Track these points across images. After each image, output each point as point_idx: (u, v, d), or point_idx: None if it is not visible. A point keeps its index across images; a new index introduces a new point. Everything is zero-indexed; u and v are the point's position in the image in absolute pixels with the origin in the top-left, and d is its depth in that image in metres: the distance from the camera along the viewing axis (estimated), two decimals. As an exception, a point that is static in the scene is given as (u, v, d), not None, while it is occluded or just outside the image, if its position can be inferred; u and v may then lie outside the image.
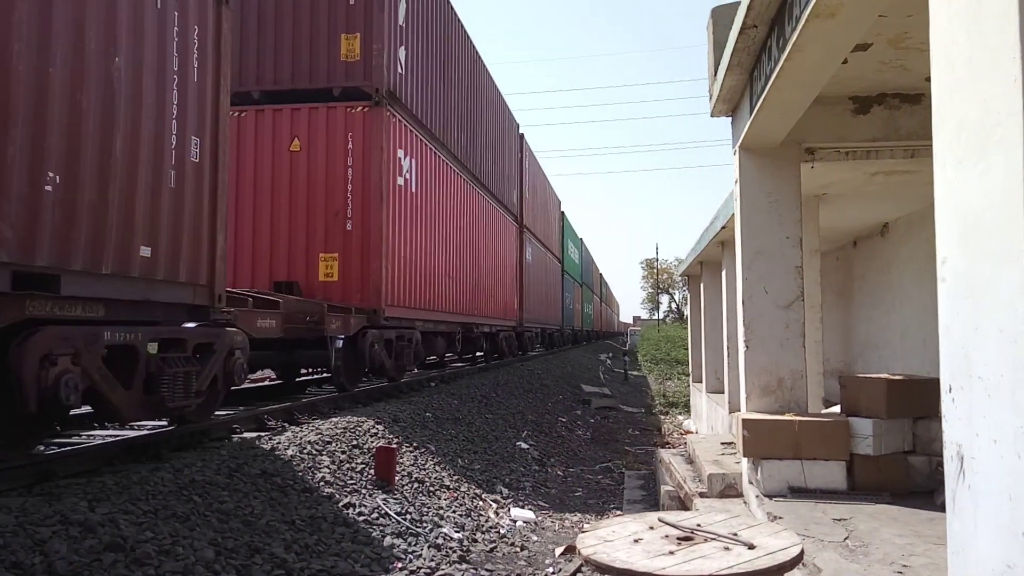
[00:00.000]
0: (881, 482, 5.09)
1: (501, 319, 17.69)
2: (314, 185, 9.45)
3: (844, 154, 6.07)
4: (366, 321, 9.16)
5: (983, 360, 1.84)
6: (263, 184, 9.53)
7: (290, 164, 9.47)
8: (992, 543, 1.79)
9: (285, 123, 9.52)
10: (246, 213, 9.55)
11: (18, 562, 3.24)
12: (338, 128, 9.40)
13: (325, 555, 4.50)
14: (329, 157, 9.41)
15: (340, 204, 9.39)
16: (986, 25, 1.79)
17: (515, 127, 20.42)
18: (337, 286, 9.31)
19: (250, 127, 9.58)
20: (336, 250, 9.35)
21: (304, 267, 9.38)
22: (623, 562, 2.96)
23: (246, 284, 9.16)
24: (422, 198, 11.21)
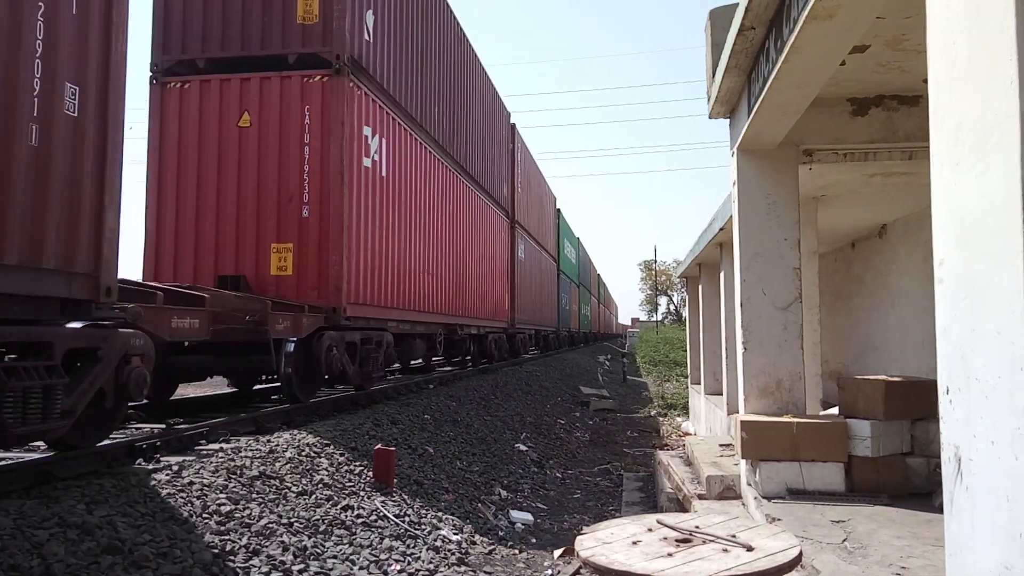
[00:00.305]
0: (879, 484, 5.09)
1: (490, 320, 16.53)
2: (266, 166, 8.29)
3: (842, 156, 6.08)
4: (323, 321, 8.03)
5: (981, 362, 1.84)
6: (208, 165, 8.36)
7: (239, 142, 8.31)
8: (990, 544, 1.79)
9: (233, 95, 8.35)
10: (188, 198, 8.38)
11: (16, 565, 3.24)
12: (293, 100, 8.27)
13: (323, 557, 4.49)
14: (283, 134, 8.27)
15: (295, 188, 8.25)
16: (984, 27, 1.80)
17: (505, 116, 19.12)
18: (291, 281, 8.21)
19: (194, 100, 8.41)
20: (290, 240, 8.22)
21: (254, 260, 8.25)
22: (622, 564, 2.96)
23: (188, 279, 8.11)
24: (395, 184, 9.97)
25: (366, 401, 9.53)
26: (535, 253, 23.33)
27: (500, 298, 17.75)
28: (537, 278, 23.71)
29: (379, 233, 9.40)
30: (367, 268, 8.96)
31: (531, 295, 22.19)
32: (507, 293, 18.71)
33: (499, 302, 17.61)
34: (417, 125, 11.09)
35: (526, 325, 21.24)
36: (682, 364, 29.04)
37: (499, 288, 17.63)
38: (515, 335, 20.18)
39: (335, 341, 8.19)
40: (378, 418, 8.24)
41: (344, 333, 8.50)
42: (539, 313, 23.91)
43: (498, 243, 17.68)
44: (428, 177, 11.69)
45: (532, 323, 22.32)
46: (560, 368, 22.86)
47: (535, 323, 22.90)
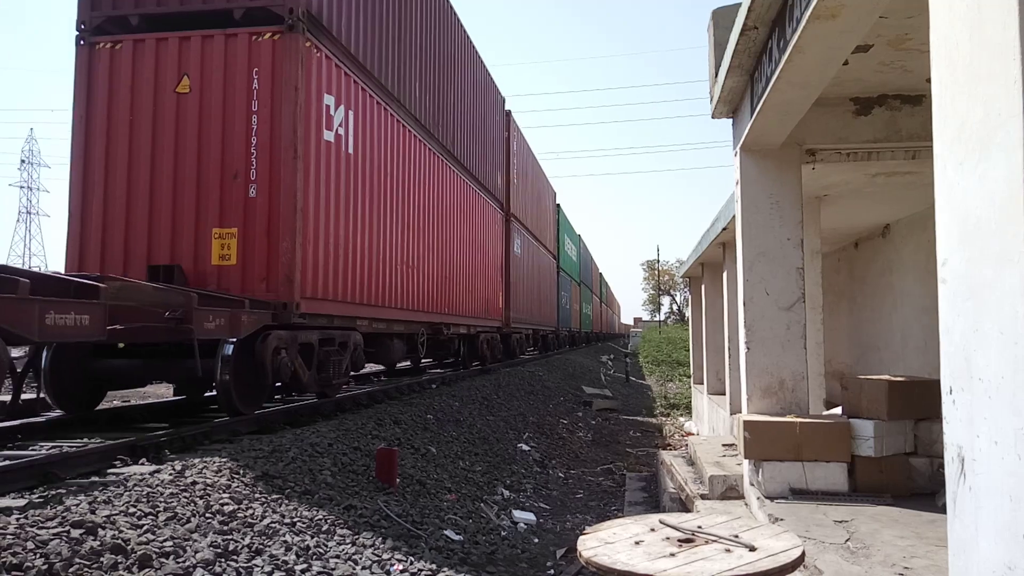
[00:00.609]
0: (882, 484, 5.08)
1: (482, 319, 15.44)
2: (207, 138, 7.19)
3: (845, 155, 6.07)
4: (270, 319, 6.86)
5: (984, 362, 1.83)
6: (141, 136, 7.25)
7: (176, 110, 7.23)
8: (993, 544, 1.78)
9: (171, 56, 7.25)
10: (118, 176, 7.26)
11: (19, 564, 3.25)
12: (240, 62, 7.16)
13: (326, 557, 4.49)
14: (228, 101, 7.17)
15: (241, 163, 7.11)
16: (987, 26, 1.79)
17: (500, 101, 17.84)
18: (235, 272, 7.07)
19: (126, 62, 7.30)
20: (235, 224, 7.09)
21: (192, 247, 7.14)
22: (624, 564, 2.96)
23: (117, 269, 7.14)
24: (365, 163, 8.80)
25: (368, 401, 9.54)
26: (532, 249, 22.11)
27: (493, 296, 16.62)
28: (535, 275, 22.47)
29: (345, 219, 8.25)
30: (329, 258, 7.86)
31: (528, 293, 21.06)
32: (501, 291, 17.54)
33: (492, 300, 16.52)
34: (394, 100, 9.86)
35: (523, 324, 20.11)
36: (685, 364, 29.06)
37: (492, 285, 16.52)
38: (510, 335, 19.11)
39: (284, 342, 7.09)
40: (381, 418, 8.25)
41: (298, 333, 7.40)
42: (537, 312, 22.72)
43: (491, 236, 16.45)
44: (408, 159, 10.44)
45: (530, 322, 21.21)
46: (562, 368, 22.85)
47: (533, 322, 21.79)
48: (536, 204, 23.20)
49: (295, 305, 7.07)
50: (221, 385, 6.61)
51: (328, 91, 7.80)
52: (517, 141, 19.88)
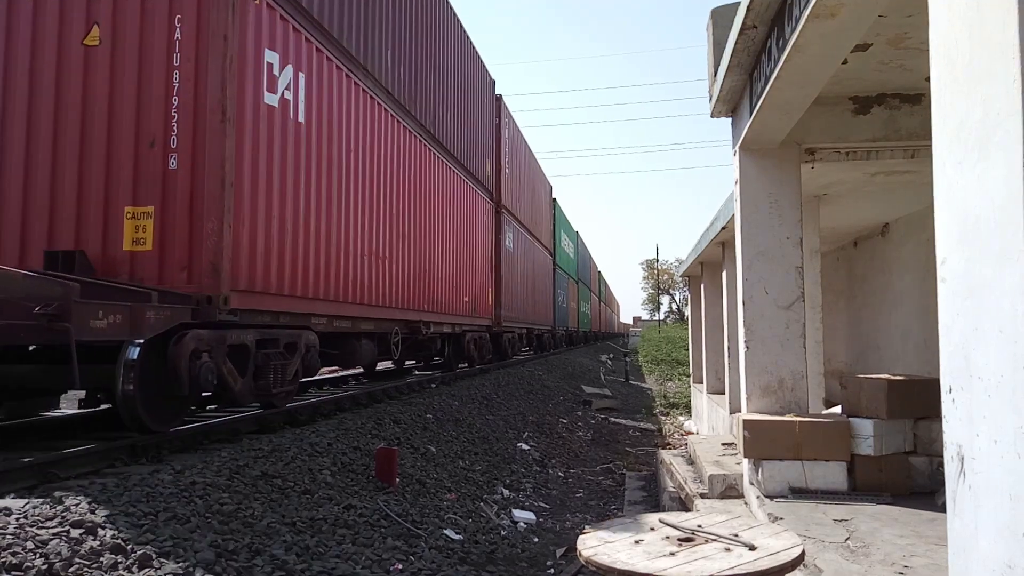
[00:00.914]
0: (882, 483, 5.09)
1: (468, 317, 14.02)
2: (120, 99, 6.03)
3: (844, 154, 6.08)
4: (190, 315, 5.67)
5: (983, 360, 1.84)
6: (43, 98, 6.11)
7: (84, 66, 6.07)
8: (993, 543, 1.79)
9: (78, 2, 6.12)
10: (15, 143, 6.12)
11: (19, 564, 3.25)
12: (159, 8, 6.03)
13: (326, 557, 4.50)
14: (144, 55, 6.01)
15: (159, 128, 5.97)
16: (987, 25, 1.79)
17: (489, 83, 16.59)
18: (151, 259, 5.89)
19: (25, 10, 6.17)
20: (151, 202, 5.92)
21: (100, 229, 5.97)
22: (624, 563, 2.96)
23: (12, 257, 6.02)
24: (321, 135, 7.49)
25: (368, 400, 9.54)
26: (526, 244, 20.68)
27: (482, 292, 15.26)
28: (529, 272, 20.99)
29: (295, 198, 6.96)
30: (273, 245, 6.60)
31: (521, 290, 19.62)
32: (491, 287, 16.17)
33: (481, 297, 15.12)
34: (360, 67, 8.55)
35: (516, 323, 18.66)
36: (684, 363, 29.07)
37: (480, 280, 15.10)
38: (501, 335, 17.59)
39: (207, 344, 5.88)
40: (380, 417, 8.25)
41: (227, 333, 6.20)
42: (531, 310, 21.25)
43: (479, 228, 15.03)
44: (377, 136, 9.09)
45: (523, 321, 19.85)
46: (562, 368, 22.86)
47: (527, 321, 20.42)
48: (530, 197, 21.67)
49: (222, 299, 5.85)
50: (123, 397, 5.44)
51: (271, 47, 6.59)
52: (509, 129, 18.29)
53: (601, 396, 19.18)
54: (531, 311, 21.26)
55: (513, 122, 19.26)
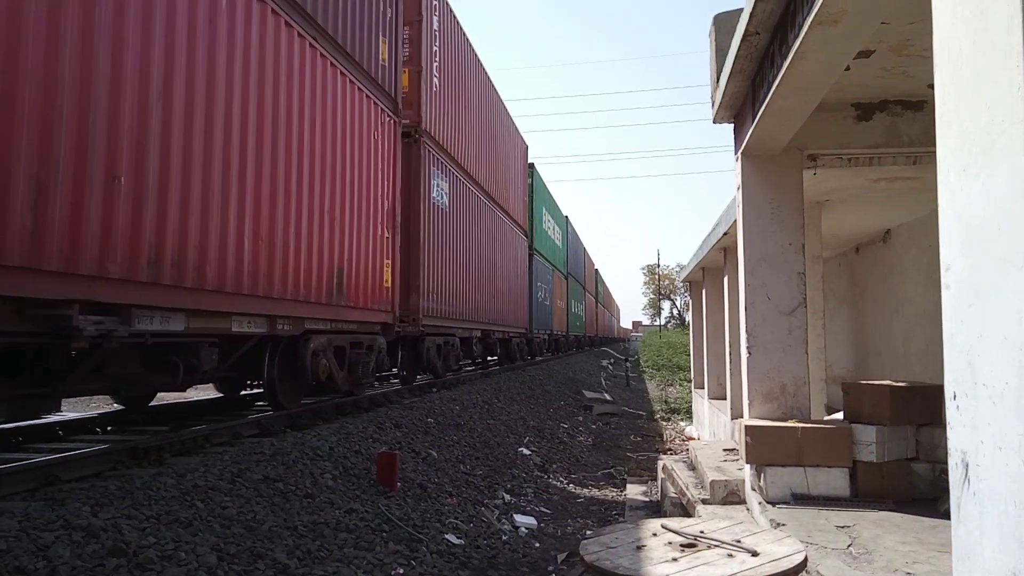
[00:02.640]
0: (884, 489, 5.08)
1: (346, 310, 8.25)
2: None
3: (846, 161, 6.08)
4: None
5: (988, 367, 1.84)
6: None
7: None
8: (998, 550, 1.78)
9: None
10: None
11: (21, 567, 3.25)
12: None
13: (327, 561, 4.49)
14: None
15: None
16: (991, 32, 1.80)
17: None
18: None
19: None
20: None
21: None
22: (627, 569, 2.96)
23: None
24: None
25: (369, 405, 9.53)
26: (480, 207, 15.07)
27: (377, 268, 9.20)
28: (484, 248, 15.35)
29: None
30: None
31: (469, 273, 13.97)
32: (398, 259, 9.93)
33: (375, 276, 9.13)
34: None
35: (453, 323, 12.98)
36: (685, 368, 29.02)
37: (363, 244, 8.73)
38: (421, 339, 11.66)
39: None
40: (381, 421, 8.25)
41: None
42: (490, 305, 15.71)
43: (360, 150, 8.64)
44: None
45: (471, 320, 14.23)
46: (563, 373, 22.84)
47: (479, 320, 14.83)
48: (490, 145, 16.20)
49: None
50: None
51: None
52: (446, 25, 12.73)
53: (602, 401, 19.15)
54: (489, 306, 15.64)
55: (456, 24, 13.49)
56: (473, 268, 14.58)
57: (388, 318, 9.66)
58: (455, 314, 13.21)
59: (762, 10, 4.30)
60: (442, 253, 12.38)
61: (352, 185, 8.40)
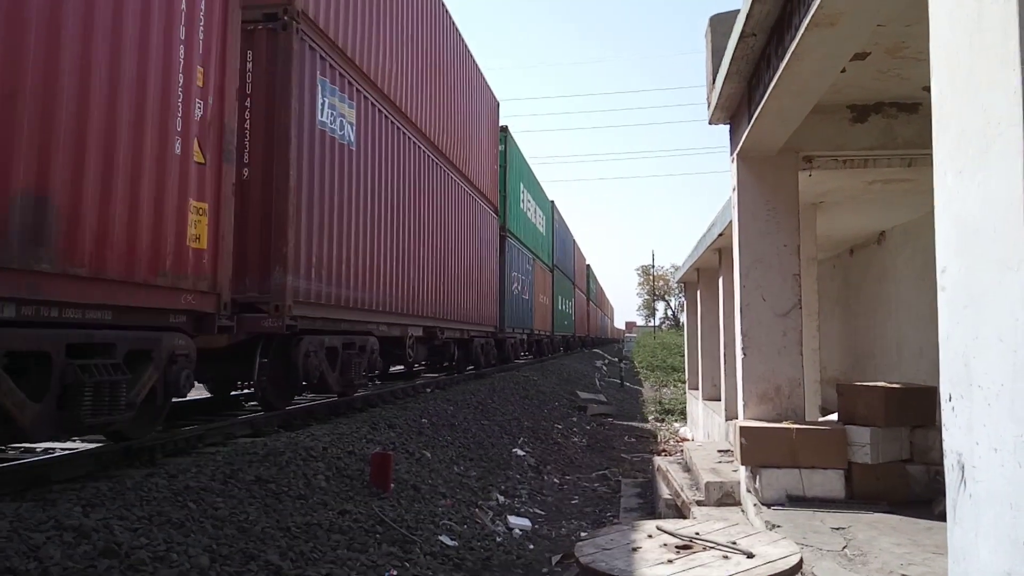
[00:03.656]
0: (879, 491, 5.08)
1: (59, 282, 4.37)
2: None
3: (842, 162, 6.10)
4: None
5: (983, 369, 1.84)
6: None
7: None
8: (993, 552, 1.78)
9: None
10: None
11: (12, 568, 3.22)
12: None
13: (320, 562, 4.47)
14: None
15: None
16: (987, 35, 1.80)
17: None
18: None
19: None
20: None
21: None
22: (622, 571, 2.95)
23: None
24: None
25: (362, 405, 9.51)
26: (422, 161, 11.34)
27: (157, 206, 5.26)
28: (428, 215, 11.72)
29: None
30: None
31: (397, 244, 10.11)
32: (204, 197, 5.86)
33: (149, 220, 5.17)
34: None
35: (368, 316, 9.21)
36: (679, 369, 29.06)
37: (153, 163, 5.21)
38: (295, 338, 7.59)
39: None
40: (375, 422, 8.23)
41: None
42: (436, 293, 12.15)
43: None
44: None
45: (402, 313, 10.44)
46: (557, 373, 22.84)
47: (420, 313, 11.28)
48: (437, 81, 12.41)
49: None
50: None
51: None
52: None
53: (596, 402, 19.16)
54: (435, 296, 12.03)
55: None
56: (407, 241, 10.55)
57: (201, 302, 5.81)
58: (371, 303, 9.09)
59: (759, 11, 4.30)
60: (345, 211, 8.23)
61: (90, 51, 4.62)
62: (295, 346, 7.58)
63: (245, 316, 6.71)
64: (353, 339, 8.97)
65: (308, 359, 7.73)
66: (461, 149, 14.14)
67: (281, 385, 7.77)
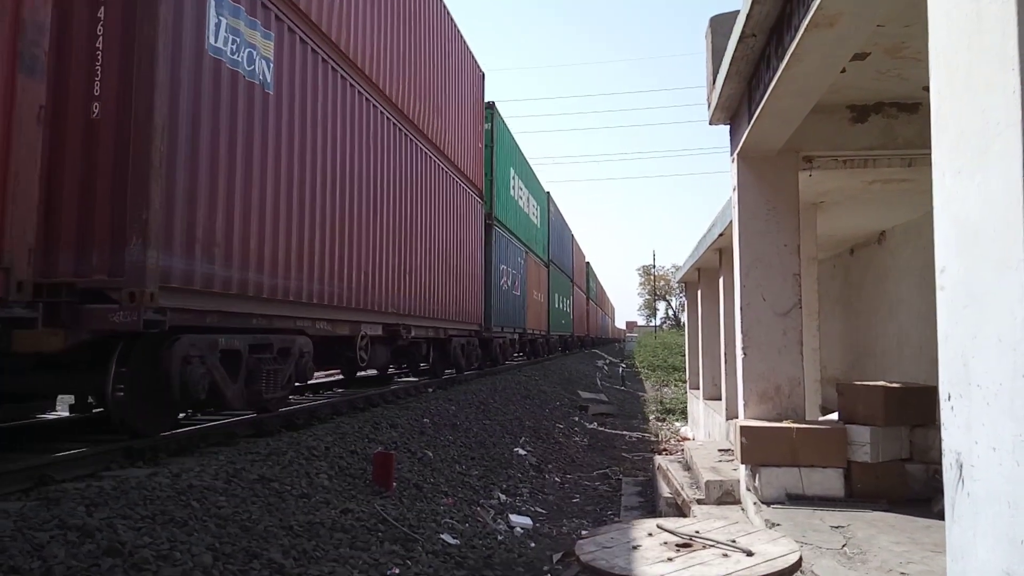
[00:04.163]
0: (878, 490, 5.10)
1: None
2: None
3: (842, 162, 6.11)
4: None
5: (982, 368, 1.85)
6: None
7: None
8: (991, 550, 1.80)
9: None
10: None
11: (16, 567, 3.24)
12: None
13: (323, 561, 4.49)
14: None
15: None
16: (986, 36, 1.81)
17: None
18: None
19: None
20: None
21: None
22: (622, 569, 2.97)
23: None
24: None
25: (364, 405, 9.53)
26: (378, 124, 9.31)
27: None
28: (388, 189, 9.66)
29: None
30: None
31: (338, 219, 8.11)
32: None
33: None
34: None
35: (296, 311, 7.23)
36: (680, 369, 29.06)
37: None
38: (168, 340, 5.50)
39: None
40: (377, 421, 8.24)
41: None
42: (401, 284, 10.21)
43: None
44: None
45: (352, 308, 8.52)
46: (559, 373, 22.86)
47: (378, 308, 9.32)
48: (407, 39, 10.56)
49: None
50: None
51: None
52: None
53: (597, 401, 19.18)
54: (399, 287, 10.07)
55: None
56: (358, 220, 8.64)
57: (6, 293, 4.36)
58: (301, 294, 7.17)
59: (758, 12, 4.32)
60: (256, 172, 6.34)
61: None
62: (168, 349, 5.46)
63: (90, 308, 4.85)
64: (269, 340, 6.83)
65: (189, 367, 5.57)
66: (434, 118, 12.01)
67: (152, 402, 5.67)
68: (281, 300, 6.90)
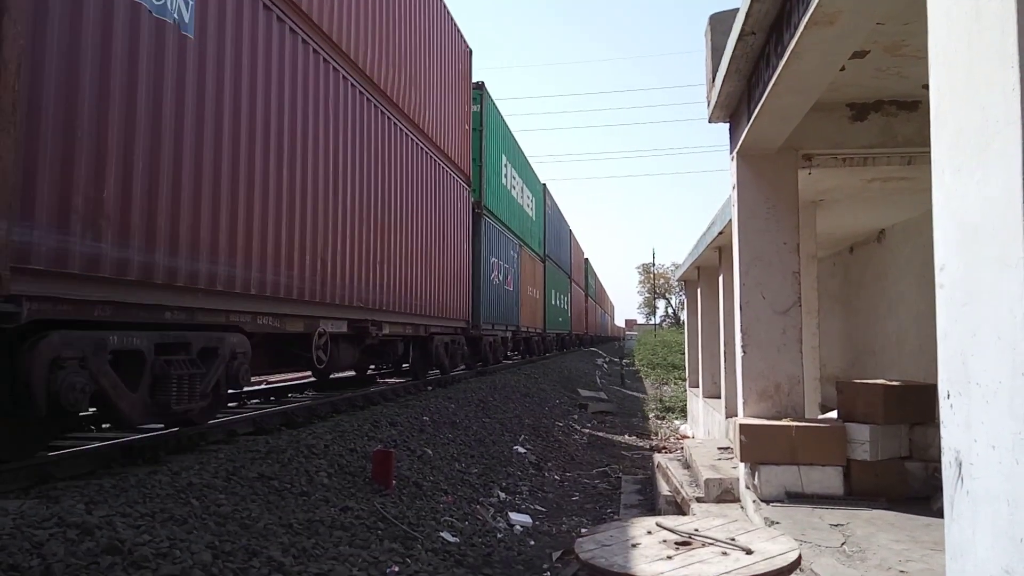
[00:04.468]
0: (878, 488, 5.10)
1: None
2: None
3: (841, 160, 6.11)
4: None
5: (981, 366, 1.85)
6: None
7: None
8: (990, 548, 1.80)
9: None
10: None
11: (16, 565, 3.24)
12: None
13: (322, 558, 4.49)
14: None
15: None
16: (985, 34, 1.81)
17: None
18: None
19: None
20: None
21: None
22: (621, 567, 2.97)
23: None
24: None
25: (364, 403, 9.53)
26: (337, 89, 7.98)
27: None
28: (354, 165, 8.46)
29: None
30: None
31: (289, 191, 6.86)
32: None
33: None
34: None
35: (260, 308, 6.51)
36: (680, 367, 29.06)
37: None
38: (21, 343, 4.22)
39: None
40: (377, 419, 8.25)
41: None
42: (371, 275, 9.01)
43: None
44: None
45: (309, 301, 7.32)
46: (558, 371, 22.86)
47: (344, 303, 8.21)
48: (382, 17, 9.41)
49: None
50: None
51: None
52: None
53: (597, 400, 19.19)
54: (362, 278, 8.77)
55: None
56: (313, 200, 7.46)
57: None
58: (235, 283, 6.08)
59: (758, 10, 4.31)
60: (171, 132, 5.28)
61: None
62: (29, 350, 4.26)
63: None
64: (186, 338, 5.61)
65: (60, 373, 4.37)
66: (410, 90, 10.62)
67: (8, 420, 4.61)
68: (206, 290, 5.65)
